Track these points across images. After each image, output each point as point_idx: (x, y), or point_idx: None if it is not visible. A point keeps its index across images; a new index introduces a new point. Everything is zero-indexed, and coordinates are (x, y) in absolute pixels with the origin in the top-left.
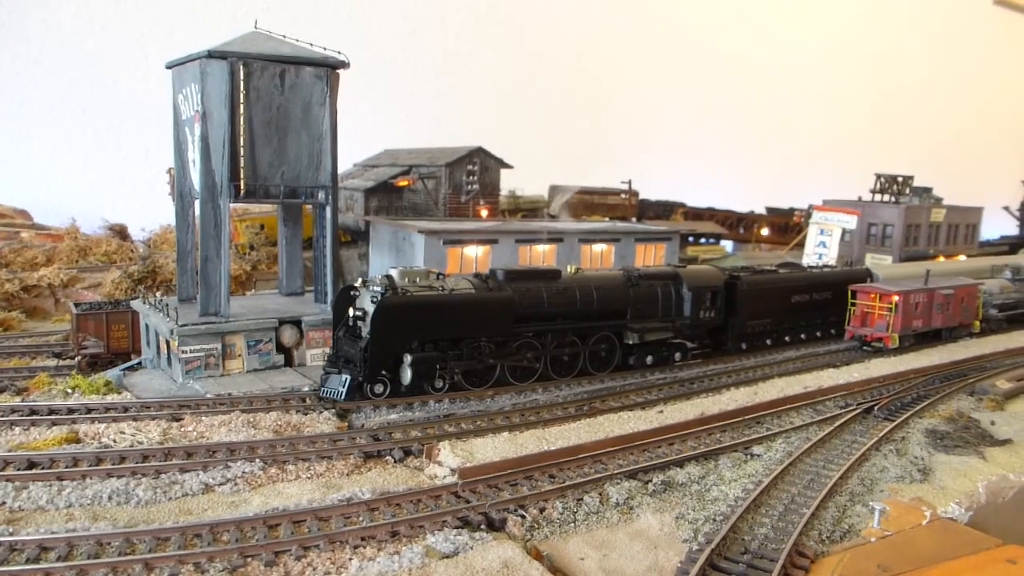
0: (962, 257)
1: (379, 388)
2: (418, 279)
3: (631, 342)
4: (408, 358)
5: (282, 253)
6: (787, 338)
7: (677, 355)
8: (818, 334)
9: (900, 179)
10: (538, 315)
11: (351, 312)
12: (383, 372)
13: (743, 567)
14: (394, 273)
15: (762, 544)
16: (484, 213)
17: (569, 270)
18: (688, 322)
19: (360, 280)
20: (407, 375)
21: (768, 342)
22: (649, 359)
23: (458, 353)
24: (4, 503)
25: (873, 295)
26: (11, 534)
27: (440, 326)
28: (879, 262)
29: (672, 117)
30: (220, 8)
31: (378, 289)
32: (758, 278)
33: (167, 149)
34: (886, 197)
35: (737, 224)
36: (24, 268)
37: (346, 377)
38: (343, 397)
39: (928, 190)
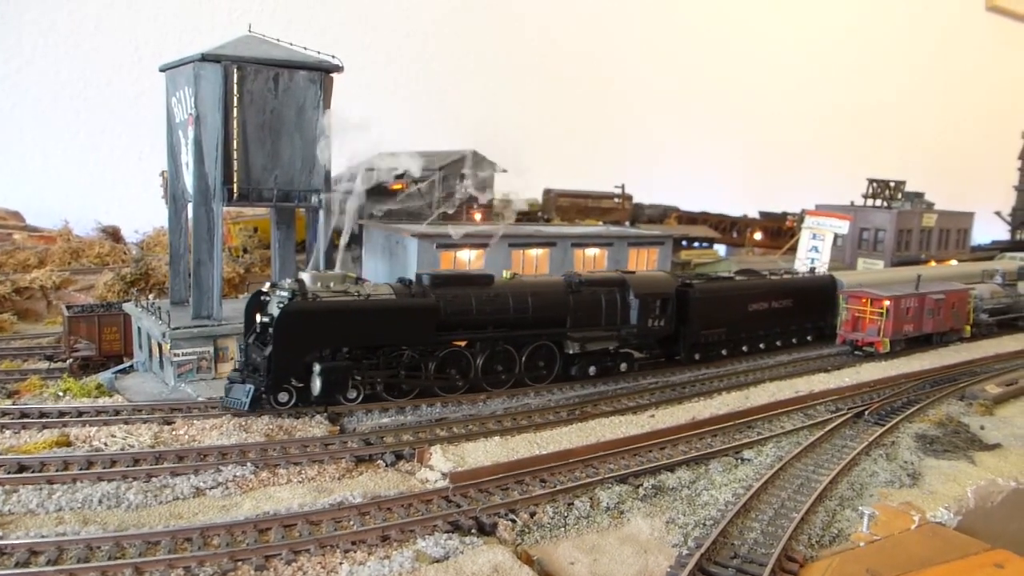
0: (954, 262)
1: (283, 397)
2: (332, 283)
3: (571, 351)
4: (317, 367)
5: (275, 256)
6: (744, 348)
7: (623, 365)
8: (778, 343)
9: (892, 184)
10: (466, 323)
11: (258, 318)
12: (293, 381)
13: (732, 571)
14: (306, 277)
15: (752, 549)
16: (478, 217)
17: (505, 275)
18: (635, 331)
19: (268, 284)
20: (316, 385)
21: (724, 352)
22: (592, 370)
23: (374, 362)
24: None
25: (864, 300)
26: (0, 538)
27: (352, 334)
28: (871, 266)
29: (666, 121)
30: (214, 11)
31: (284, 294)
32: (712, 285)
33: (160, 151)
34: (878, 202)
35: (730, 228)
36: (16, 270)
37: (250, 387)
38: (246, 407)
39: (920, 195)
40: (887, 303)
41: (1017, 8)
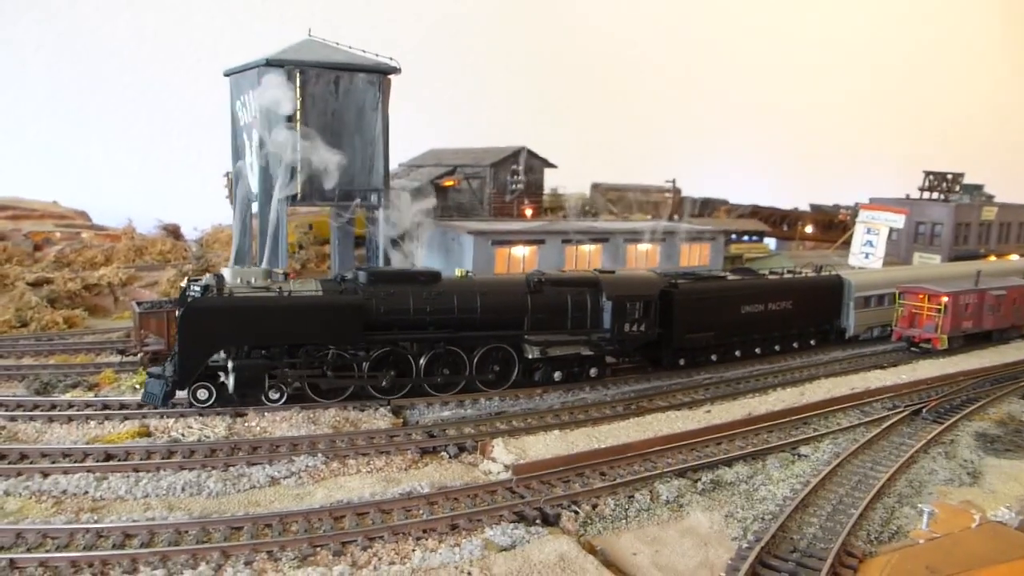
0: (1014, 256)
1: (202, 395)
2: (253, 279)
3: (531, 356)
4: (230, 364)
5: (334, 252)
6: (737, 353)
7: (593, 371)
8: (777, 348)
9: (950, 176)
10: (402, 323)
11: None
12: (222, 377)
13: (792, 565)
14: (226, 272)
15: (811, 543)
16: (529, 212)
17: (457, 274)
18: (608, 336)
19: (186, 279)
20: (230, 382)
21: (713, 358)
22: (557, 375)
23: (294, 361)
24: (87, 492)
25: (922, 296)
26: (96, 521)
27: (266, 331)
28: (928, 261)
29: (715, 113)
30: (268, 13)
31: (196, 290)
32: (698, 287)
33: (217, 150)
34: (935, 195)
35: (781, 222)
36: (84, 267)
37: (165, 381)
38: (160, 402)
39: (979, 187)
40: (945, 299)
41: None
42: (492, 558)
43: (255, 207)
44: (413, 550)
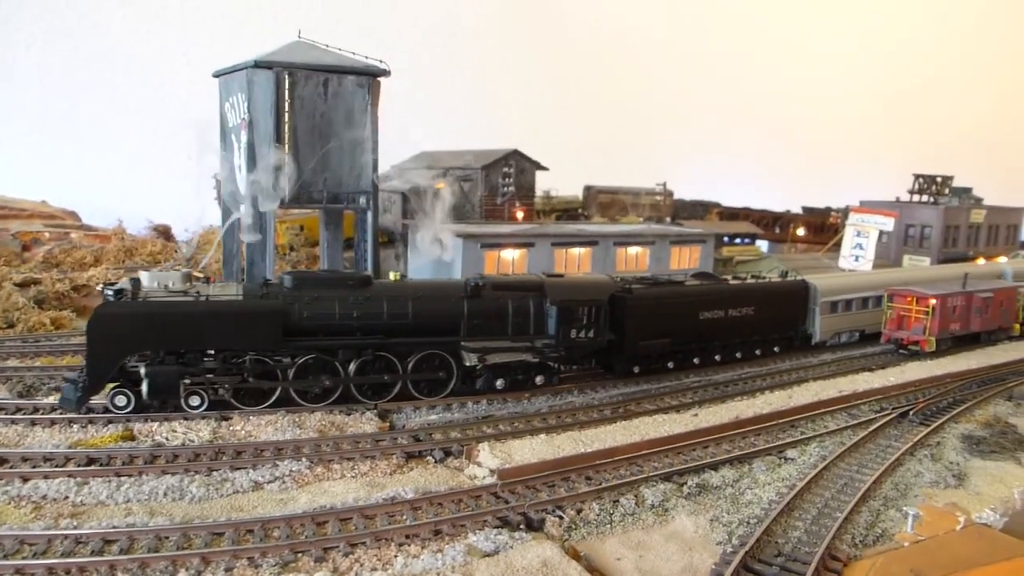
0: (1003, 259)
1: (120, 401)
2: (171, 283)
3: (468, 363)
4: (143, 370)
5: (323, 255)
6: (696, 360)
7: (539, 378)
8: (738, 355)
9: (939, 179)
10: (327, 328)
11: None
12: (137, 382)
13: (776, 569)
14: (144, 276)
15: (795, 547)
16: (520, 215)
17: (392, 277)
18: (553, 342)
19: (101, 284)
20: (143, 388)
21: (670, 365)
22: (499, 383)
23: (211, 367)
24: (67, 497)
25: (910, 298)
26: (75, 527)
27: (178, 337)
28: (917, 263)
29: (707, 116)
30: (262, 14)
31: (109, 294)
32: (653, 291)
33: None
34: (924, 198)
35: (773, 224)
36: (73, 268)
37: (77, 386)
38: (75, 407)
39: (968, 190)
40: (933, 302)
41: None
42: (475, 564)
43: (243, 208)
44: (395, 556)
